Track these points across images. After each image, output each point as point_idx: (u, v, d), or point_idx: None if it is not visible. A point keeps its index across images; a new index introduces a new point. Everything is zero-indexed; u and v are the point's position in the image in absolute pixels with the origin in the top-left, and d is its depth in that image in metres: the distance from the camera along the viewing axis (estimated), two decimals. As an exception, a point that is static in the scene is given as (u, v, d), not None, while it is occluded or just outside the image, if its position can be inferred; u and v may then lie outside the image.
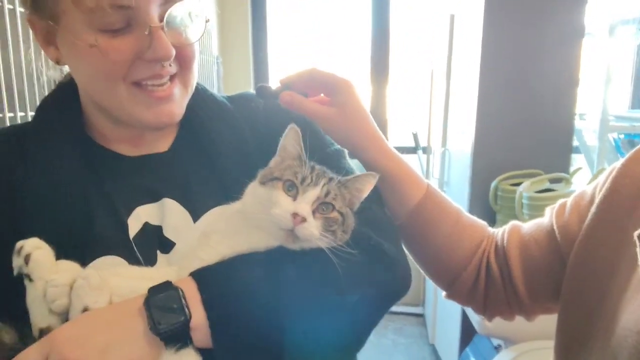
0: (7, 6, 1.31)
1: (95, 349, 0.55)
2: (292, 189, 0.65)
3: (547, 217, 0.82)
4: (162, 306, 0.57)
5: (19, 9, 1.34)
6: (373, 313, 0.70)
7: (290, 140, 0.70)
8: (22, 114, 1.37)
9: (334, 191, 0.66)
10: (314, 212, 0.64)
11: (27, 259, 0.60)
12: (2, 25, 1.27)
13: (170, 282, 0.60)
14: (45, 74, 1.48)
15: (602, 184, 0.73)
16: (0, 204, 0.69)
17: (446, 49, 2.73)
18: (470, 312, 2.12)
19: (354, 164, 0.84)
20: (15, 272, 0.61)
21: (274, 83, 0.82)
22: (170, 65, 0.69)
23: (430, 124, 3.19)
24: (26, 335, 0.60)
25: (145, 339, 0.57)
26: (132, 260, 0.70)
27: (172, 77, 0.71)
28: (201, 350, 0.59)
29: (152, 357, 0.57)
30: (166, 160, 0.78)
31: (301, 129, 0.70)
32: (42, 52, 0.73)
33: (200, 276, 0.61)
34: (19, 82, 1.33)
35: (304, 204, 0.63)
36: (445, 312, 2.80)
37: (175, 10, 0.66)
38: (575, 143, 2.37)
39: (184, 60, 0.71)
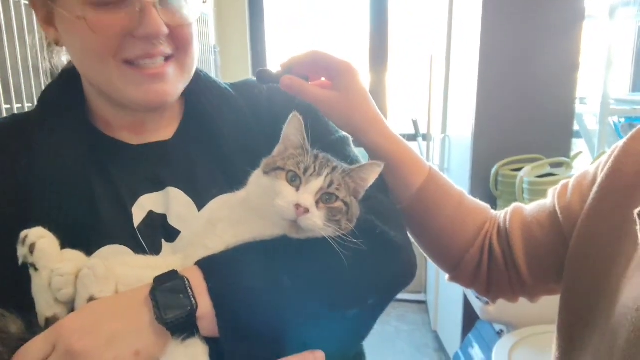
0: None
1: (102, 339, 0.55)
2: (295, 179, 0.64)
3: (549, 198, 0.82)
4: (168, 296, 0.57)
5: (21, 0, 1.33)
6: (379, 301, 0.70)
7: (292, 129, 0.69)
8: (19, 105, 1.36)
9: (337, 181, 0.65)
10: (317, 202, 0.63)
11: (31, 248, 0.60)
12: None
13: (176, 271, 0.60)
14: (42, 65, 1.47)
15: (604, 163, 0.73)
16: (5, 193, 0.69)
17: (445, 34, 2.71)
18: (472, 298, 2.13)
19: (358, 151, 0.83)
20: (20, 262, 0.61)
21: (272, 70, 0.81)
22: (161, 44, 0.68)
23: (430, 110, 3.18)
24: (33, 324, 0.60)
25: (151, 329, 0.57)
26: (137, 249, 0.69)
27: (167, 58, 0.70)
28: (208, 340, 0.59)
29: (159, 346, 0.57)
30: (170, 148, 0.78)
31: (304, 117, 0.69)
32: (38, 43, 0.72)
33: (205, 265, 0.61)
34: (14, 74, 1.32)
35: (307, 194, 0.63)
36: (447, 299, 2.81)
37: None
38: (576, 127, 2.36)
39: (179, 41, 0.70)
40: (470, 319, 2.37)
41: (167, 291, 0.57)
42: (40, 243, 0.60)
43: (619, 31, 2.13)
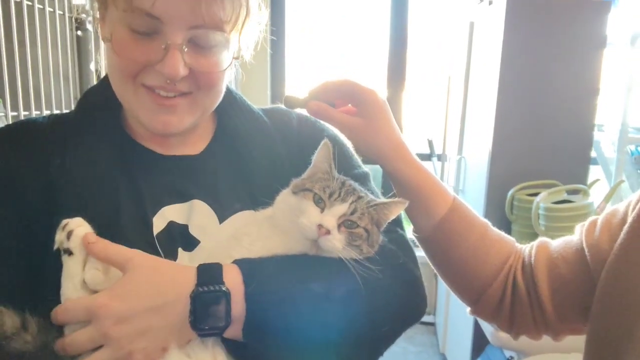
0: (25, 2, 1.33)
1: (135, 331, 0.58)
2: (321, 202, 0.67)
3: (577, 235, 0.79)
4: (206, 306, 0.59)
5: (38, 6, 1.37)
6: (391, 331, 0.73)
7: (321, 156, 0.73)
8: (48, 111, 1.39)
9: (361, 209, 0.68)
10: (339, 226, 0.66)
11: (69, 235, 0.63)
12: (20, 23, 1.30)
13: (221, 270, 0.62)
14: (71, 73, 1.51)
15: (635, 202, 0.71)
16: (36, 190, 0.70)
17: (465, 56, 2.73)
18: (482, 322, 2.10)
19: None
20: (55, 247, 0.64)
21: (289, 89, 0.83)
22: (175, 84, 0.69)
23: (446, 131, 3.18)
24: (29, 324, 0.61)
25: (183, 329, 0.60)
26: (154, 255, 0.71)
27: (185, 94, 0.71)
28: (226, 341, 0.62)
29: (185, 344, 0.61)
30: (198, 163, 0.80)
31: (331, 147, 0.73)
32: (60, 50, 0.74)
33: (246, 268, 0.63)
34: (45, 80, 1.36)
35: (330, 217, 0.66)
36: (457, 322, 2.78)
37: (204, 38, 0.67)
38: (593, 154, 2.35)
39: (201, 83, 0.71)
40: (479, 343, 2.34)
41: (207, 301, 0.59)
42: (78, 230, 0.64)
43: (639, 59, 2.12)
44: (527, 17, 2.19)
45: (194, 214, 0.75)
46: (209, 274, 0.62)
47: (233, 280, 0.61)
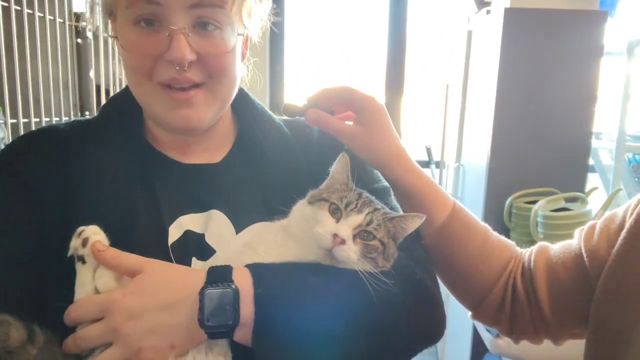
0: (26, 10, 1.33)
1: (145, 328, 0.59)
2: (337, 212, 0.67)
3: (576, 240, 0.80)
4: (215, 304, 0.59)
5: (38, 14, 1.37)
6: (409, 349, 0.71)
7: (339, 167, 0.73)
8: (47, 119, 1.40)
9: (377, 221, 0.67)
10: (354, 237, 0.66)
11: (84, 243, 0.63)
12: (20, 31, 1.30)
13: (231, 271, 0.62)
14: (70, 81, 1.51)
15: (633, 208, 0.72)
16: (56, 196, 0.71)
17: (463, 64, 2.74)
18: (481, 330, 2.10)
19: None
20: (69, 253, 0.64)
21: (288, 96, 0.84)
22: (186, 71, 0.69)
23: (444, 138, 3.19)
24: (36, 336, 0.61)
25: (192, 327, 0.60)
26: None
27: (199, 85, 0.71)
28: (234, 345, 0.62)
29: (194, 343, 0.61)
30: (217, 171, 0.80)
31: (351, 161, 0.73)
32: (60, 58, 0.76)
33: (256, 271, 0.63)
34: (45, 88, 1.36)
35: (346, 227, 0.65)
36: (455, 329, 2.77)
37: (202, 17, 0.67)
38: (591, 162, 2.35)
39: (211, 69, 0.71)
40: (478, 350, 2.33)
41: (216, 299, 0.59)
42: (93, 239, 0.64)
43: (636, 67, 2.13)
44: (525, 26, 2.21)
45: (211, 224, 0.75)
46: (219, 274, 0.62)
47: (243, 281, 0.62)
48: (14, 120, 1.30)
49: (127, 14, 0.67)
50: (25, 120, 1.30)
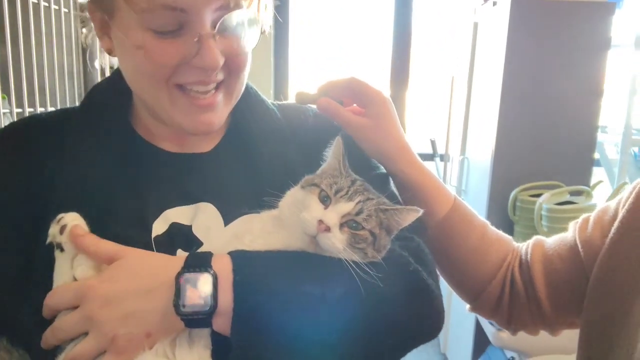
0: (31, 0, 1.33)
1: (121, 314, 0.57)
2: (327, 199, 0.65)
3: (570, 232, 0.82)
4: (190, 287, 0.56)
5: (43, 4, 1.37)
6: (403, 344, 0.68)
7: (332, 152, 0.72)
8: (52, 108, 1.40)
9: (368, 211, 0.64)
10: (342, 226, 0.63)
11: (62, 230, 0.62)
12: (26, 21, 1.30)
13: (211, 257, 0.60)
14: (76, 69, 1.52)
15: (626, 199, 0.74)
16: (27, 189, 0.69)
17: (468, 56, 2.73)
18: (484, 322, 2.10)
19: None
20: (47, 240, 0.63)
21: (292, 82, 0.83)
22: (215, 75, 0.67)
23: (449, 131, 3.18)
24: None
25: (168, 314, 0.57)
26: None
27: (218, 85, 0.69)
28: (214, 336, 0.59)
29: (171, 332, 0.59)
30: (207, 161, 0.77)
31: (349, 148, 0.71)
32: (65, 47, 0.73)
33: (238, 257, 0.61)
34: (50, 76, 1.37)
35: (333, 214, 0.63)
36: (458, 321, 2.78)
37: (229, 18, 0.64)
38: (596, 156, 2.34)
39: (233, 68, 0.69)
40: (481, 343, 2.34)
41: (191, 281, 0.57)
42: (71, 225, 0.62)
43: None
44: (531, 18, 2.19)
45: (200, 215, 0.73)
46: (198, 259, 0.60)
47: (222, 267, 0.59)
48: (20, 110, 1.31)
49: (143, 19, 0.61)
50: (31, 109, 1.31)
